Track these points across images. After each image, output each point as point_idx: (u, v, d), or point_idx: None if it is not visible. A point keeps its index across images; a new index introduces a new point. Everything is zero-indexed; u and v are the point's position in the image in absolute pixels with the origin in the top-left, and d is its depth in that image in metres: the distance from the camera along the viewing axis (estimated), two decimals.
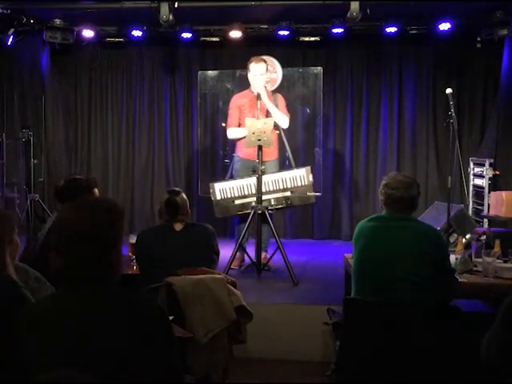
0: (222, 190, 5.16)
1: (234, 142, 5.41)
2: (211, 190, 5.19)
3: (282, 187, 5.16)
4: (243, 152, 5.22)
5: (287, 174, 5.20)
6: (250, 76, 5.18)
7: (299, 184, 5.18)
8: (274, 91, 5.64)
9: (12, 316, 1.68)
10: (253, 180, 4.97)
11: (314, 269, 5.29)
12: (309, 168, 5.24)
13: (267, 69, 5.28)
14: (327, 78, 6.60)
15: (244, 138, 4.89)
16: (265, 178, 4.97)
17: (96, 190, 3.39)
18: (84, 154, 7.18)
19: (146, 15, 5.88)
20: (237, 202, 5.14)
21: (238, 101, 5.32)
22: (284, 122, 5.23)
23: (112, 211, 1.69)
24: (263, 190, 4.94)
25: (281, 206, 5.20)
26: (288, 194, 5.16)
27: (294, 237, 6.84)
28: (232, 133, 5.30)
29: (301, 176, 5.18)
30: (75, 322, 1.58)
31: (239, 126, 5.25)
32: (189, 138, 7.03)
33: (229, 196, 5.16)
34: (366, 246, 2.82)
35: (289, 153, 5.37)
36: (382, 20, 6.08)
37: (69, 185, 3.29)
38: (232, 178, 5.31)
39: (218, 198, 5.16)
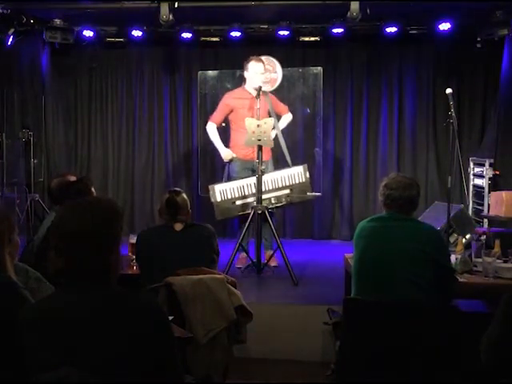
0: (222, 191, 5.16)
1: (233, 143, 5.41)
2: (211, 192, 5.18)
3: (281, 185, 5.19)
4: (240, 153, 5.24)
5: (285, 173, 5.25)
6: (249, 74, 5.20)
7: (297, 181, 5.23)
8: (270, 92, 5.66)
9: (12, 316, 1.68)
10: (253, 180, 4.98)
11: (313, 269, 5.29)
12: (305, 166, 5.31)
13: (265, 69, 5.31)
14: (327, 78, 6.60)
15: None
16: (264, 177, 5.00)
17: (93, 189, 3.39)
18: (84, 153, 7.18)
19: (146, 15, 5.88)
20: (237, 202, 5.14)
21: (231, 100, 5.34)
22: (289, 118, 5.53)
23: (111, 211, 1.69)
24: (263, 189, 4.96)
25: (281, 204, 5.23)
26: (287, 191, 5.19)
27: (294, 237, 6.83)
28: (212, 134, 5.45)
29: (298, 173, 5.24)
30: (75, 322, 1.58)
31: (227, 124, 5.42)
32: (189, 138, 7.02)
33: (229, 197, 5.16)
34: (366, 246, 2.82)
35: (285, 152, 5.39)
36: (382, 20, 6.08)
37: (66, 188, 3.28)
38: (230, 179, 5.31)
39: (219, 199, 5.16)
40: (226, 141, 5.54)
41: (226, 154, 5.36)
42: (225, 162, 5.44)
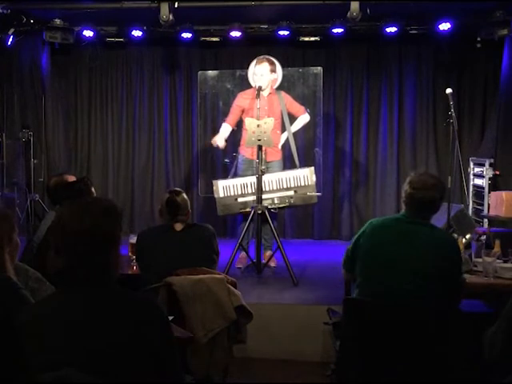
0: (225, 187, 5.16)
1: (243, 142, 5.40)
2: (214, 188, 5.18)
3: (285, 186, 5.17)
4: (248, 152, 5.23)
5: (291, 174, 5.20)
6: (250, 76, 5.19)
7: (302, 184, 5.18)
8: (277, 89, 5.60)
9: (11, 317, 1.68)
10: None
11: (313, 269, 5.29)
12: (312, 168, 5.25)
13: (274, 70, 5.23)
14: (327, 78, 6.60)
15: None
16: (269, 176, 4.99)
17: (93, 189, 3.40)
18: (84, 154, 7.18)
19: (146, 15, 5.88)
20: (239, 200, 5.14)
21: (243, 101, 5.32)
22: (305, 119, 5.46)
23: (110, 211, 1.69)
24: (267, 188, 4.97)
25: (284, 205, 5.21)
26: (291, 193, 5.17)
27: (294, 237, 6.84)
28: (221, 130, 5.42)
29: (304, 176, 5.18)
30: (75, 322, 1.58)
31: (240, 124, 5.35)
32: (189, 138, 7.03)
33: (232, 194, 5.16)
34: (372, 246, 2.73)
35: (294, 153, 5.37)
36: (382, 20, 6.08)
37: (65, 188, 3.28)
38: (236, 176, 5.31)
39: (221, 195, 5.16)
40: (232, 142, 5.52)
41: (215, 138, 5.33)
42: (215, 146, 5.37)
